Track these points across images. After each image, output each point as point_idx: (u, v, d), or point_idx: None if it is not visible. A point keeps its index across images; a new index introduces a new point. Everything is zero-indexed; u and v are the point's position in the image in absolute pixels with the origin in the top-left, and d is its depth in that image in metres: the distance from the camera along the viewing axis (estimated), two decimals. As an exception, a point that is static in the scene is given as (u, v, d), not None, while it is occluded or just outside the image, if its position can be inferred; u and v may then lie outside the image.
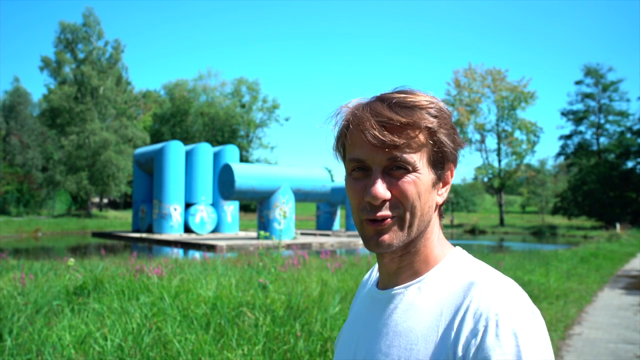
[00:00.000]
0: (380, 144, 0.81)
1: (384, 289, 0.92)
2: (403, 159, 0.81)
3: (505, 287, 0.80)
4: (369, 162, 0.83)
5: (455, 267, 0.87)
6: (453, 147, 0.86)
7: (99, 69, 44.13)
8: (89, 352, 3.68)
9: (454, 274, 0.85)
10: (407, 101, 0.83)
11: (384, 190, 0.82)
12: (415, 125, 0.81)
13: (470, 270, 0.85)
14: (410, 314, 0.84)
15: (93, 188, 44.02)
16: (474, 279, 0.82)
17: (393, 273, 0.91)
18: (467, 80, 47.56)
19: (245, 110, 61.74)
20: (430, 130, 0.83)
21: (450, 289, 0.83)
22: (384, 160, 0.82)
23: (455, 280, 0.84)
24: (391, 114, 0.81)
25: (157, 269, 6.52)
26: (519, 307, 0.76)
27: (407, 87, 0.87)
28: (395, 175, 0.82)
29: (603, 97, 49.50)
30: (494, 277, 0.82)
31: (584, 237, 31.69)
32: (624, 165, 45.73)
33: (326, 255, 10.06)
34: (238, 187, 20.10)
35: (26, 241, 25.74)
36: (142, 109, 66.17)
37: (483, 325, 0.74)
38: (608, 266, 13.47)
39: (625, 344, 5.60)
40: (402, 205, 0.83)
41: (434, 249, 0.89)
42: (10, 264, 9.12)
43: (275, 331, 4.11)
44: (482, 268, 0.85)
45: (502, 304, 0.76)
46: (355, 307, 1.02)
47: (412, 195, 0.82)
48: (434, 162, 0.85)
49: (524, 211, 71.54)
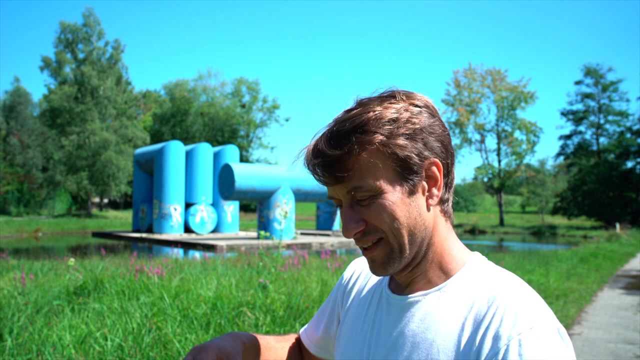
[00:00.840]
0: (331, 183, 0.80)
1: (398, 293, 0.89)
2: (359, 188, 0.79)
3: (530, 303, 0.75)
4: (337, 200, 0.83)
5: (476, 276, 0.83)
6: (416, 148, 0.80)
7: (99, 69, 44.13)
8: (89, 352, 3.68)
9: (475, 284, 0.81)
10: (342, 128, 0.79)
11: (355, 224, 0.81)
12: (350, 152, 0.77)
13: (493, 281, 0.81)
14: (429, 324, 0.81)
15: (93, 188, 44.02)
16: (497, 293, 0.78)
17: (407, 282, 0.88)
18: (467, 80, 47.56)
19: (245, 110, 61.73)
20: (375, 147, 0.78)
21: (472, 301, 0.79)
22: (345, 194, 0.81)
23: (476, 291, 0.80)
24: (329, 150, 0.78)
25: (157, 269, 6.53)
26: (543, 326, 0.72)
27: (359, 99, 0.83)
28: (363, 204, 0.80)
29: (603, 97, 49.50)
30: (519, 291, 0.78)
31: (583, 237, 31.68)
32: (624, 165, 45.71)
33: (326, 255, 10.07)
34: (238, 187, 20.10)
35: (26, 241, 25.75)
36: (142, 109, 66.18)
37: (505, 344, 0.71)
38: (608, 266, 13.47)
39: (625, 344, 5.60)
40: (379, 229, 0.81)
41: (446, 254, 0.86)
42: (11, 263, 9.12)
43: (275, 331, 4.11)
44: (505, 279, 0.81)
45: (526, 322, 0.72)
46: (360, 304, 0.97)
47: (384, 218, 0.79)
48: (400, 172, 0.80)
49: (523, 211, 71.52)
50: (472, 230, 40.46)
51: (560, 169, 63.98)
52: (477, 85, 47.39)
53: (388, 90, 0.85)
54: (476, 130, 47.69)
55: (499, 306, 0.76)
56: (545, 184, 53.38)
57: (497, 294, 0.78)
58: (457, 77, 47.98)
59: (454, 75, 48.34)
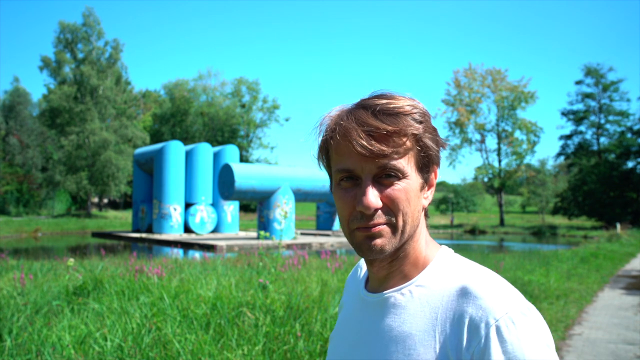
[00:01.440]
0: (369, 154, 0.81)
1: (374, 292, 0.92)
2: (393, 167, 0.81)
3: (499, 289, 0.80)
4: (358, 171, 0.83)
5: (445, 268, 0.87)
6: (437, 150, 0.87)
7: (98, 68, 44.13)
8: (88, 352, 3.67)
9: (445, 275, 0.85)
10: (391, 108, 0.82)
11: (376, 199, 0.82)
12: (401, 132, 0.81)
13: (462, 272, 0.84)
14: (404, 318, 0.84)
15: (93, 188, 44.02)
16: (467, 283, 0.81)
17: (383, 277, 0.90)
18: (467, 80, 47.56)
19: (245, 110, 61.74)
20: (416, 136, 0.83)
21: (443, 292, 0.83)
22: (374, 169, 0.82)
23: (447, 282, 0.84)
24: (377, 122, 0.80)
25: (157, 269, 6.52)
26: (517, 309, 0.77)
27: (386, 91, 0.87)
28: (385, 183, 0.82)
29: (603, 97, 49.49)
30: (487, 280, 0.82)
31: (584, 237, 31.68)
32: (624, 165, 45.71)
33: (326, 255, 10.06)
34: (238, 187, 20.09)
35: (26, 241, 25.74)
36: (142, 109, 66.18)
37: (484, 331, 0.75)
38: (608, 266, 13.46)
39: (625, 344, 5.59)
40: (393, 212, 0.83)
41: (422, 250, 0.89)
42: (10, 264, 9.11)
43: (275, 331, 4.10)
44: (472, 269, 0.85)
45: (501, 308, 0.76)
46: (345, 308, 1.01)
47: (402, 202, 0.83)
48: (421, 166, 0.85)
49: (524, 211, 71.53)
50: (472, 230, 40.45)
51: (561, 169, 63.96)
52: (477, 85, 47.40)
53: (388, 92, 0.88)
54: (476, 130, 47.69)
55: (470, 296, 0.79)
56: (545, 184, 53.39)
57: (466, 284, 0.81)
58: (457, 77, 47.99)
59: (454, 75, 48.38)
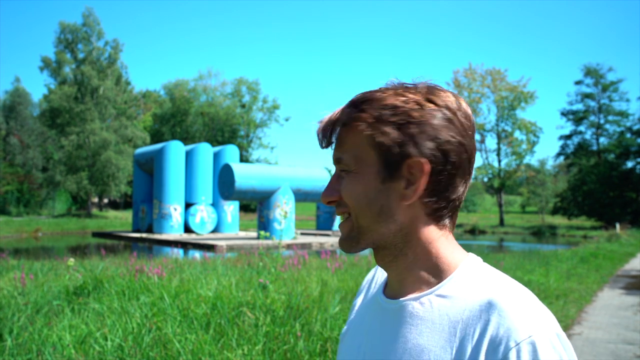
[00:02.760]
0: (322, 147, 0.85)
1: (392, 298, 0.86)
2: (339, 160, 0.83)
3: (527, 309, 0.72)
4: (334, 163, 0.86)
5: (471, 278, 0.79)
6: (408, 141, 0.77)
7: (98, 69, 44.14)
8: (89, 352, 3.68)
9: (470, 287, 0.78)
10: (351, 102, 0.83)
11: (330, 191, 0.84)
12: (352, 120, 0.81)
13: (489, 285, 0.77)
14: (421, 330, 0.78)
15: (93, 188, 44.02)
16: (492, 297, 0.74)
17: (399, 281, 0.85)
18: (466, 80, 47.57)
19: (245, 110, 61.75)
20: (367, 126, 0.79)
21: (466, 305, 0.76)
22: (334, 162, 0.84)
23: (471, 295, 0.76)
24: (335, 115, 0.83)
25: (157, 269, 6.53)
26: (543, 334, 0.69)
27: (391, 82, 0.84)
28: (343, 176, 0.83)
29: (603, 97, 49.49)
30: (516, 296, 0.74)
31: (583, 237, 31.68)
32: (624, 165, 45.72)
33: (326, 255, 10.07)
34: (238, 187, 20.10)
35: (26, 241, 25.75)
36: (142, 109, 66.19)
37: (502, 354, 0.68)
38: (608, 266, 13.47)
39: (625, 344, 5.60)
40: (344, 203, 0.83)
41: (441, 255, 0.82)
42: (11, 263, 9.12)
43: (275, 331, 4.11)
44: (502, 282, 0.77)
45: (524, 330, 0.69)
46: (361, 310, 0.96)
47: (351, 195, 0.81)
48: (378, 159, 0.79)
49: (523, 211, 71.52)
50: (472, 230, 40.46)
51: (560, 169, 63.96)
52: (477, 85, 47.42)
53: (421, 82, 0.83)
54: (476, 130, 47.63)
55: (493, 312, 0.72)
56: (545, 184, 53.37)
57: (491, 299, 0.74)
58: (457, 77, 48.01)
59: (454, 75, 48.39)
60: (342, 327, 4.29)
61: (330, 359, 3.82)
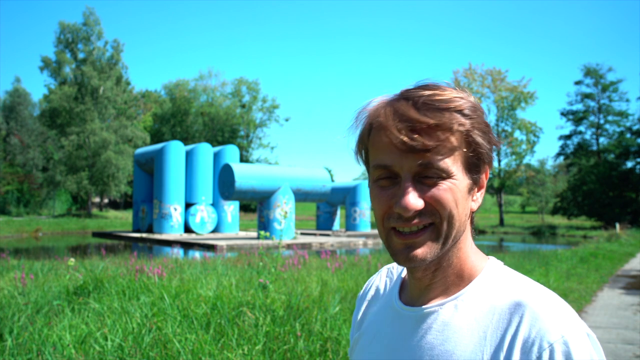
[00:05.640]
0: (409, 149, 0.73)
1: (411, 305, 0.84)
2: (435, 165, 0.74)
3: (557, 310, 0.72)
4: (396, 168, 0.76)
5: (495, 282, 0.79)
6: (489, 148, 0.79)
7: (99, 69, 44.14)
8: (89, 352, 3.69)
9: (495, 290, 0.78)
10: (436, 100, 0.75)
11: (416, 200, 0.74)
12: (446, 127, 0.74)
13: (514, 287, 0.77)
14: (448, 335, 0.77)
15: (93, 188, 44.03)
16: (521, 299, 0.74)
17: (424, 288, 0.83)
18: (466, 81, 47.55)
19: (245, 110, 61.78)
20: (463, 132, 0.75)
21: (494, 308, 0.75)
22: (414, 166, 0.74)
23: (497, 298, 0.76)
24: (419, 115, 0.74)
25: (157, 269, 6.53)
26: (574, 334, 0.69)
27: (431, 82, 0.79)
28: (428, 183, 0.75)
29: (603, 97, 49.50)
30: (543, 298, 0.74)
31: (583, 237, 31.69)
32: (624, 165, 45.73)
33: (326, 255, 10.07)
34: (238, 187, 20.11)
35: (26, 241, 25.75)
36: (142, 109, 66.20)
37: (536, 355, 0.68)
38: (607, 266, 13.47)
39: (624, 344, 5.61)
40: (438, 213, 0.75)
41: (467, 260, 0.82)
42: (11, 263, 9.13)
43: (275, 331, 4.12)
44: (527, 284, 0.78)
45: (556, 331, 0.69)
46: (373, 319, 0.93)
47: (449, 203, 0.75)
48: (470, 165, 0.78)
49: (523, 211, 71.53)
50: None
51: (560, 169, 63.99)
52: (477, 86, 47.40)
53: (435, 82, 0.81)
54: (476, 130, 47.66)
55: (523, 314, 0.72)
56: (545, 184, 53.40)
57: (521, 301, 0.74)
58: (457, 77, 48.01)
59: (454, 75, 48.41)
60: (342, 327, 4.30)
61: (330, 359, 3.82)
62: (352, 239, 22.93)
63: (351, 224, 28.29)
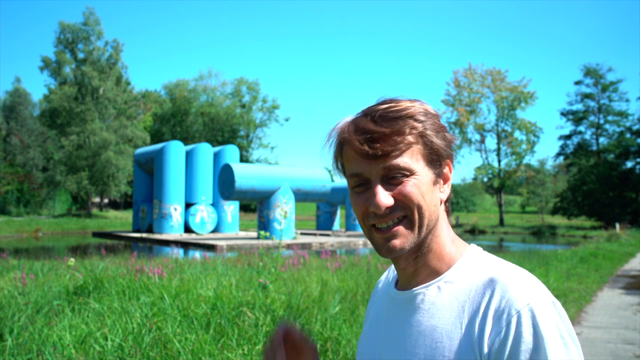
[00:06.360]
0: (372, 157, 0.85)
1: (403, 290, 0.94)
2: (397, 166, 0.85)
3: (524, 282, 0.82)
4: (366, 174, 0.87)
5: (474, 264, 0.89)
6: (445, 145, 0.89)
7: (99, 69, 44.13)
8: (89, 351, 3.69)
9: (473, 271, 0.87)
10: (390, 111, 0.86)
11: (386, 198, 0.85)
12: (400, 132, 0.85)
13: (489, 266, 0.87)
14: (433, 312, 0.87)
15: (93, 188, 44.03)
16: (493, 275, 0.84)
17: (411, 274, 0.93)
18: (466, 81, 47.57)
19: (245, 110, 61.77)
20: (418, 133, 0.86)
21: (471, 286, 0.85)
22: (380, 170, 0.86)
23: (475, 277, 0.86)
24: (375, 127, 0.85)
25: (158, 269, 6.53)
26: (539, 302, 0.78)
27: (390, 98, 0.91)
28: (394, 182, 0.86)
29: (602, 98, 49.51)
30: (513, 273, 0.84)
31: (583, 237, 31.69)
32: (624, 165, 45.73)
33: (326, 255, 10.07)
34: (238, 187, 20.11)
35: (27, 241, 25.75)
36: (142, 109, 66.19)
37: (505, 322, 0.77)
38: (607, 266, 13.47)
39: (624, 344, 5.61)
40: (408, 206, 0.86)
41: (446, 246, 0.92)
42: (11, 263, 9.13)
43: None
44: (501, 264, 0.87)
45: (523, 299, 0.78)
46: (374, 308, 1.05)
47: (416, 196, 0.86)
48: (430, 161, 0.88)
49: (523, 211, 71.53)
50: (472, 230, 40.45)
51: (560, 169, 63.99)
52: (477, 86, 47.43)
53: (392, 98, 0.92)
54: (476, 131, 47.71)
55: (494, 288, 0.82)
56: (545, 184, 53.42)
57: (492, 277, 0.84)
58: (457, 77, 48.01)
59: (454, 75, 48.41)
60: (342, 327, 4.31)
61: (330, 359, 3.82)
62: (352, 239, 22.93)
63: (351, 224, 28.30)
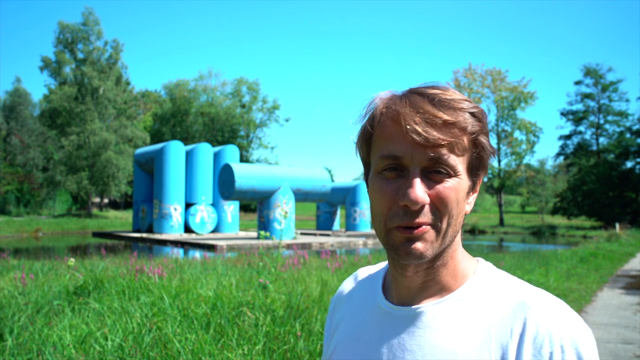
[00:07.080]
0: (423, 141, 0.72)
1: (401, 305, 0.83)
2: (446, 161, 0.74)
3: (560, 309, 0.75)
4: (406, 160, 0.74)
5: (489, 282, 0.80)
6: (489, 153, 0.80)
7: (99, 69, 44.13)
8: (89, 351, 3.69)
9: (491, 290, 0.79)
10: (448, 99, 0.75)
11: (424, 194, 0.73)
12: (461, 125, 0.74)
13: (513, 287, 0.79)
14: (448, 333, 0.77)
15: (93, 188, 44.03)
16: (524, 299, 0.76)
17: (416, 287, 0.82)
18: (467, 81, 47.58)
19: (246, 111, 61.77)
20: (472, 134, 0.76)
21: (495, 307, 0.77)
22: (425, 160, 0.74)
23: (496, 298, 0.78)
24: (435, 110, 0.73)
25: (158, 269, 6.53)
26: (579, 330, 0.73)
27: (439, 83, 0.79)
28: (434, 179, 0.75)
29: (602, 98, 49.51)
30: (546, 298, 0.77)
31: (583, 237, 31.69)
32: (624, 165, 45.73)
33: (326, 255, 10.07)
34: (238, 187, 20.11)
35: (27, 241, 25.75)
36: (142, 109, 66.19)
37: (548, 351, 0.71)
38: (607, 266, 13.47)
39: (624, 344, 5.61)
40: (439, 212, 0.75)
41: (461, 261, 0.83)
42: (11, 263, 9.13)
43: (275, 331, 4.12)
44: (524, 285, 0.80)
45: (564, 328, 0.72)
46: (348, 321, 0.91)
47: (451, 202, 0.75)
48: (472, 167, 0.78)
49: (523, 211, 71.53)
50: (472, 230, 40.44)
51: (560, 169, 63.98)
52: (477, 86, 47.43)
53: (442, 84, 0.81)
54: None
55: (528, 314, 0.74)
56: (545, 184, 53.39)
57: (524, 301, 0.76)
58: (457, 77, 48.02)
59: (454, 75, 48.41)
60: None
61: (330, 359, 3.82)
62: (352, 239, 22.93)
63: (351, 224, 28.30)
